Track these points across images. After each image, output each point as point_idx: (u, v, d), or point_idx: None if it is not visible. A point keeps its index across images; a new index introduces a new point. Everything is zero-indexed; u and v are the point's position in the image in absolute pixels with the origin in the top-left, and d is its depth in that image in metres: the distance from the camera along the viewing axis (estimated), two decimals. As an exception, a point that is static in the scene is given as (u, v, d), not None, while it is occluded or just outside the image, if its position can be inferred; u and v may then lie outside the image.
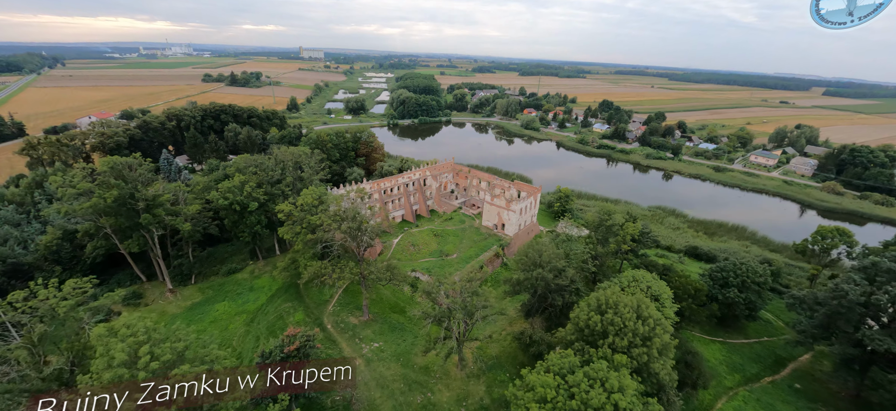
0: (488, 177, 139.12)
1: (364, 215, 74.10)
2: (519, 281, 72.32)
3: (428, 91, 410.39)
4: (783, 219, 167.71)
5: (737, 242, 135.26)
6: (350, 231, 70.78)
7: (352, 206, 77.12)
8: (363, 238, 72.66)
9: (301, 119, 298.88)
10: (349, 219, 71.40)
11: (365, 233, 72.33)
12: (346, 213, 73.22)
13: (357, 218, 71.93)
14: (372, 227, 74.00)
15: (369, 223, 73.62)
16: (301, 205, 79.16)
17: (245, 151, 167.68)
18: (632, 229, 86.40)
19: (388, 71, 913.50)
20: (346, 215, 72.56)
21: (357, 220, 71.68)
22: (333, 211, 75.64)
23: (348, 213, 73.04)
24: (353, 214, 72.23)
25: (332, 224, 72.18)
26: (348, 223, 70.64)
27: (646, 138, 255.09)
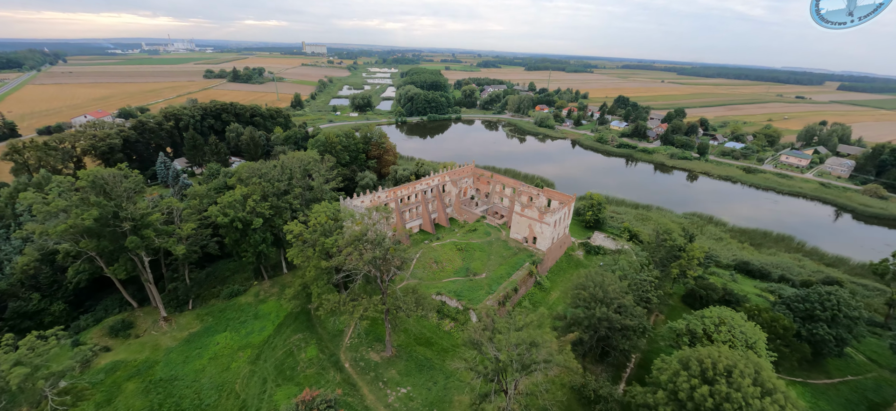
0: (513, 183, 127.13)
1: (390, 240, 62.51)
2: (577, 319, 60.64)
3: (435, 87, 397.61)
4: (827, 225, 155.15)
5: (787, 255, 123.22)
6: (374, 261, 59.19)
7: (370, 226, 65.51)
8: (390, 267, 61.11)
9: (306, 117, 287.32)
10: (373, 245, 59.78)
11: (392, 261, 60.76)
12: (370, 238, 61.61)
13: (383, 244, 60.35)
14: (400, 252, 62.41)
15: (397, 249, 61.95)
16: (313, 225, 67.63)
17: (248, 153, 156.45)
18: (697, 251, 74.49)
19: (391, 66, 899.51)
20: (370, 241, 60.93)
21: (383, 247, 60.10)
22: (352, 233, 64.01)
23: (372, 239, 61.42)
24: (378, 240, 60.64)
25: (351, 250, 60.59)
26: (372, 251, 59.01)
27: (668, 137, 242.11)
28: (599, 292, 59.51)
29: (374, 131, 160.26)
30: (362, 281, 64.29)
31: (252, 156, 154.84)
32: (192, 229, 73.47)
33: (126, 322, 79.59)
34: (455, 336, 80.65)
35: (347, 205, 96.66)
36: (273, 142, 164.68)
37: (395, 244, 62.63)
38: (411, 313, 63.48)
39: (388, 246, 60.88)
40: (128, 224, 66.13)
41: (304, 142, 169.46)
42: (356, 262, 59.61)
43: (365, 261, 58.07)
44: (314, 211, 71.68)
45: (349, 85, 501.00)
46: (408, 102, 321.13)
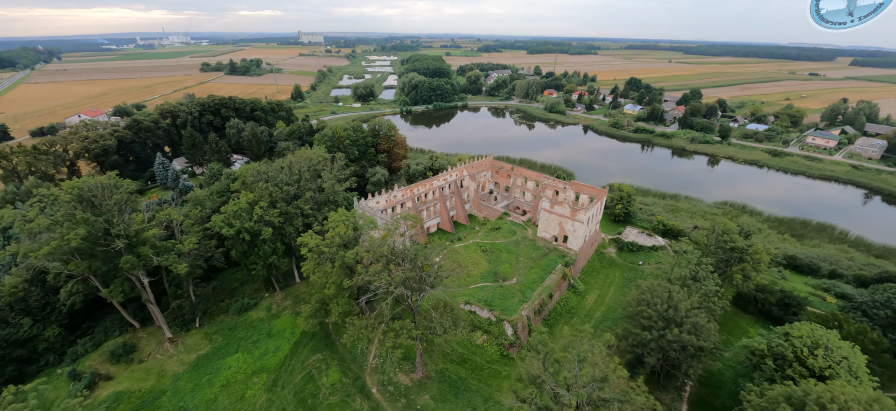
0: (536, 176, 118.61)
1: (425, 253, 54.44)
2: (642, 342, 52.77)
3: (438, 74, 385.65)
4: (865, 212, 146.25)
5: (832, 247, 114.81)
6: (407, 281, 51.18)
7: (393, 233, 57.43)
8: (425, 287, 53.16)
9: (307, 109, 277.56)
10: (406, 263, 51.76)
11: (428, 280, 52.78)
12: (399, 254, 53.57)
13: (416, 260, 52.33)
14: (437, 270, 54.41)
15: (433, 267, 53.92)
16: (331, 237, 59.53)
17: (250, 151, 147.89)
18: (763, 253, 66.20)
19: (390, 54, 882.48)
20: (401, 257, 52.90)
21: (416, 264, 52.09)
22: (378, 249, 55.91)
23: (401, 254, 53.37)
24: (409, 255, 52.61)
25: (379, 269, 52.57)
26: (405, 270, 50.97)
27: (687, 120, 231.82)
28: (671, 311, 51.46)
29: (382, 123, 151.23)
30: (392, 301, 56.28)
31: (255, 153, 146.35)
32: (194, 244, 65.46)
33: (128, 345, 72.36)
34: (488, 350, 73.33)
35: (362, 207, 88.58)
36: (276, 138, 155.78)
37: (427, 260, 54.42)
38: (445, 331, 55.79)
39: (421, 260, 52.77)
40: (121, 241, 58.19)
41: (308, 136, 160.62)
42: (385, 284, 51.63)
43: (396, 282, 50.05)
44: (331, 220, 63.54)
45: (349, 74, 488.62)
46: (412, 90, 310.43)
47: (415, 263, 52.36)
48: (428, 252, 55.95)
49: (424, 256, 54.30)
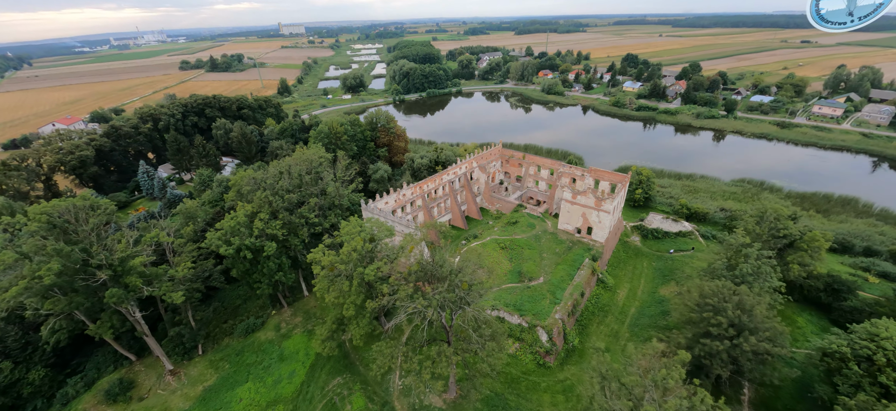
0: (551, 163, 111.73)
1: (466, 267, 47.39)
2: (712, 353, 46.62)
3: (429, 59, 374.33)
4: (884, 183, 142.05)
5: (860, 221, 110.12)
6: (445, 301, 44.21)
7: (417, 248, 50.35)
8: (466, 308, 46.30)
9: (295, 103, 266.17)
10: (443, 283, 44.71)
11: (467, 298, 45.89)
12: (429, 270, 46.51)
13: (452, 277, 45.33)
14: (478, 284, 47.51)
15: (475, 281, 46.93)
16: (347, 253, 52.14)
17: (240, 152, 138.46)
18: (821, 239, 60.34)
19: (375, 41, 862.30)
20: (434, 275, 45.83)
21: (454, 282, 45.10)
22: (410, 267, 48.74)
23: (433, 271, 46.31)
24: (444, 271, 45.58)
25: (409, 289, 45.49)
26: (442, 292, 43.92)
27: (690, 95, 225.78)
28: (744, 317, 45.28)
29: (380, 115, 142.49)
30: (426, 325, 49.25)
31: (245, 155, 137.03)
32: (189, 267, 57.53)
33: (125, 381, 64.80)
34: (522, 360, 67.19)
35: (370, 210, 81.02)
36: (267, 138, 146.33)
37: (463, 274, 47.36)
38: (491, 356, 49.19)
39: (460, 278, 45.78)
40: (104, 272, 50.13)
41: (302, 133, 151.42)
42: (421, 308, 44.57)
43: (434, 306, 43.02)
44: (344, 232, 56.01)
45: (335, 65, 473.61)
46: (403, 78, 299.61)
47: (452, 282, 45.31)
48: (464, 263, 48.84)
49: (458, 270, 47.24)
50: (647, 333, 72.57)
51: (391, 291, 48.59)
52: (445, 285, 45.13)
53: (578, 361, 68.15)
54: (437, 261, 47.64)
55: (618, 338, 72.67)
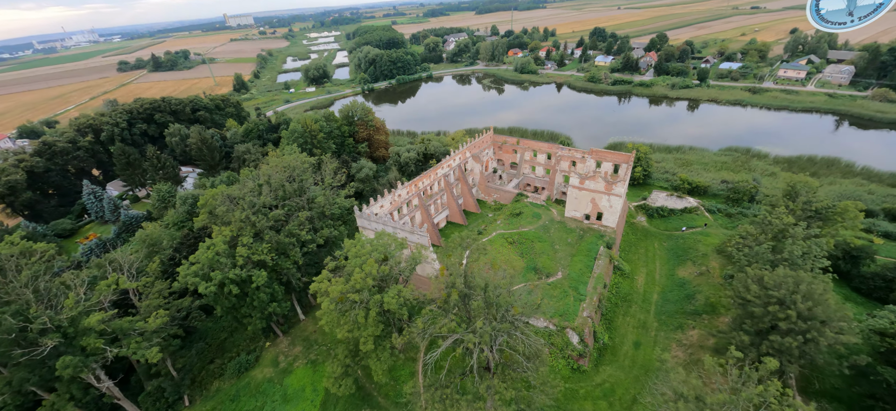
0: (547, 147, 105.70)
1: (504, 286, 40.06)
2: (784, 349, 41.97)
3: (393, 44, 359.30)
4: (856, 140, 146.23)
5: (847, 181, 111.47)
6: (497, 331, 36.83)
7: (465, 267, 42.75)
8: (516, 334, 39.14)
9: (255, 100, 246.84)
10: (492, 313, 37.23)
11: (517, 323, 38.74)
12: (476, 295, 38.92)
13: (503, 306, 37.97)
14: (532, 305, 40.43)
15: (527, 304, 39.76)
16: (358, 280, 43.49)
17: (202, 161, 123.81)
18: (854, 210, 57.34)
19: (331, 29, 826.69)
20: (481, 298, 38.23)
21: (500, 306, 37.76)
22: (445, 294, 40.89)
23: (479, 295, 38.74)
24: (492, 297, 38.11)
25: (451, 323, 37.78)
26: (492, 321, 36.45)
27: (662, 66, 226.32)
28: (818, 309, 40.69)
29: (356, 107, 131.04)
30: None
31: (208, 163, 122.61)
32: (163, 317, 46.83)
33: (90, 455, 53.46)
34: (555, 366, 61.26)
35: (365, 217, 71.88)
36: (231, 142, 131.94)
37: (511, 295, 40.08)
38: (542, 379, 42.62)
39: (509, 302, 38.45)
40: (51, 338, 39.09)
41: (270, 134, 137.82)
42: (473, 344, 36.98)
43: (486, 340, 35.52)
44: (352, 253, 47.16)
45: (293, 56, 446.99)
46: (369, 66, 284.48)
47: (499, 306, 37.92)
48: (496, 276, 41.59)
49: (506, 292, 39.91)
50: (677, 320, 68.65)
51: (425, 323, 40.64)
52: (495, 312, 37.67)
53: (612, 360, 63.18)
54: (477, 283, 40.00)
55: (647, 329, 68.23)
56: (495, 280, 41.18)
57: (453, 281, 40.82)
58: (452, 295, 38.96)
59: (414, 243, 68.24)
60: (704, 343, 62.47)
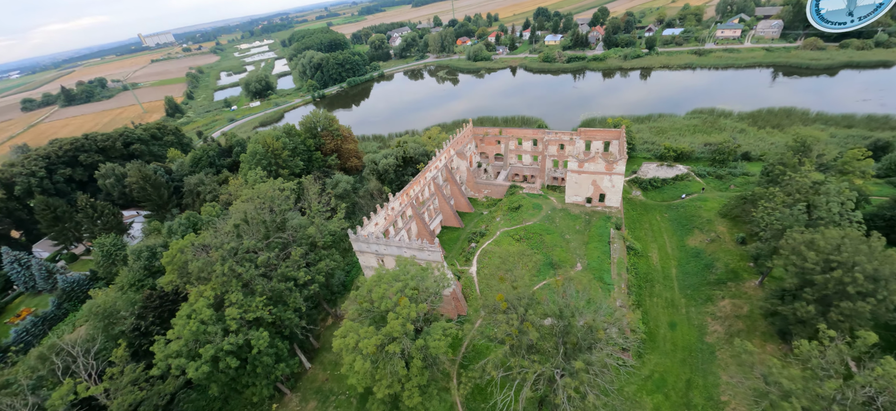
0: (533, 133, 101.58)
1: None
2: (853, 314, 39.76)
3: (336, 46, 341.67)
4: (802, 89, 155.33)
5: (810, 128, 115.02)
6: (571, 352, 31.01)
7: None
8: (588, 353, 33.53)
9: (194, 123, 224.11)
10: (572, 342, 31.36)
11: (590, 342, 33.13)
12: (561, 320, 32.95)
13: (572, 321, 32.22)
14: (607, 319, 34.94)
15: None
16: (397, 328, 36.01)
17: (146, 201, 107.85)
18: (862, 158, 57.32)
19: (262, 37, 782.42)
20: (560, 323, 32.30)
21: (590, 334, 32.00)
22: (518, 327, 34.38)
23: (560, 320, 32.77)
24: (567, 313, 32.26)
25: (523, 361, 31.51)
26: (581, 353, 30.57)
27: (610, 39, 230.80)
28: (885, 268, 38.78)
29: (318, 117, 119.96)
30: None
31: (156, 203, 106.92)
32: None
33: None
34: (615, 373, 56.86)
35: (361, 240, 63.53)
36: (178, 174, 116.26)
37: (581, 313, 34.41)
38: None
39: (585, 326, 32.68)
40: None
41: (223, 159, 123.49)
42: (547, 375, 30.84)
43: (559, 365, 29.58)
44: (376, 294, 39.32)
45: (226, 70, 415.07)
46: (315, 71, 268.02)
47: (572, 328, 32.12)
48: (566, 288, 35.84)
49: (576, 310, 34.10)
50: (703, 293, 66.60)
51: (495, 366, 33.98)
52: (568, 334, 31.77)
53: (653, 347, 59.81)
54: (551, 310, 33.86)
55: (676, 307, 65.63)
56: (565, 298, 35.24)
57: (523, 310, 34.33)
58: (530, 332, 32.52)
59: (424, 261, 60.97)
60: (739, 312, 60.69)
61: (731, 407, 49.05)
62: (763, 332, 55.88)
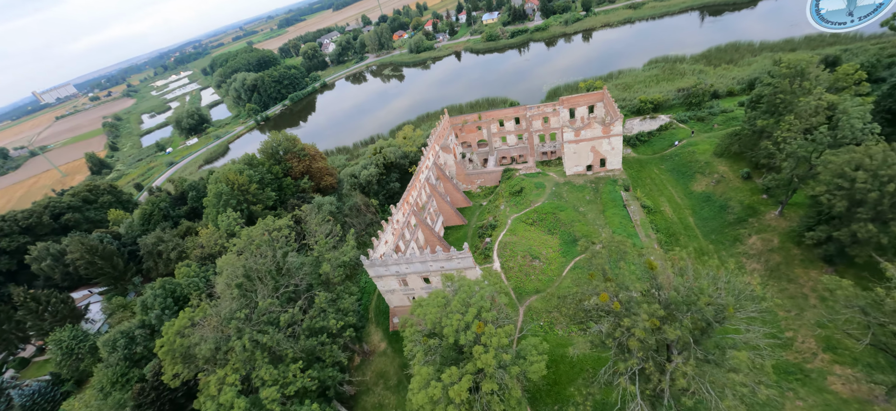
0: (513, 112, 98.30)
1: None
2: None
3: (266, 64, 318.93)
4: (736, 23, 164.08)
5: (761, 58, 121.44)
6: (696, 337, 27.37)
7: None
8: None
9: (129, 175, 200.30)
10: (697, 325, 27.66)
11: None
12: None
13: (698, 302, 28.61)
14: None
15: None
16: (493, 360, 30.80)
17: (99, 276, 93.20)
18: (853, 71, 58.78)
19: (177, 71, 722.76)
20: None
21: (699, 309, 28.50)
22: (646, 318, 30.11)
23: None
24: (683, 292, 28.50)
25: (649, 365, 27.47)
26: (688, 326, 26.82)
27: (547, 7, 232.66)
28: None
29: (279, 140, 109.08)
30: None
31: (112, 275, 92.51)
32: None
33: None
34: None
35: (379, 263, 56.92)
36: (129, 237, 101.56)
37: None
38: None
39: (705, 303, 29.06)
40: None
41: (177, 209, 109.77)
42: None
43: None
44: (448, 330, 33.53)
45: (148, 112, 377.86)
46: (252, 93, 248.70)
47: (698, 308, 28.42)
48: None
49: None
50: (728, 235, 66.46)
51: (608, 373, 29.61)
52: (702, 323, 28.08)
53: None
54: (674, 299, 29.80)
55: (707, 255, 64.42)
56: (669, 279, 31.47)
57: (648, 305, 29.88)
58: (667, 331, 28.31)
59: (453, 269, 55.55)
60: (771, 246, 60.85)
61: (799, 340, 48.55)
62: (802, 260, 56.14)
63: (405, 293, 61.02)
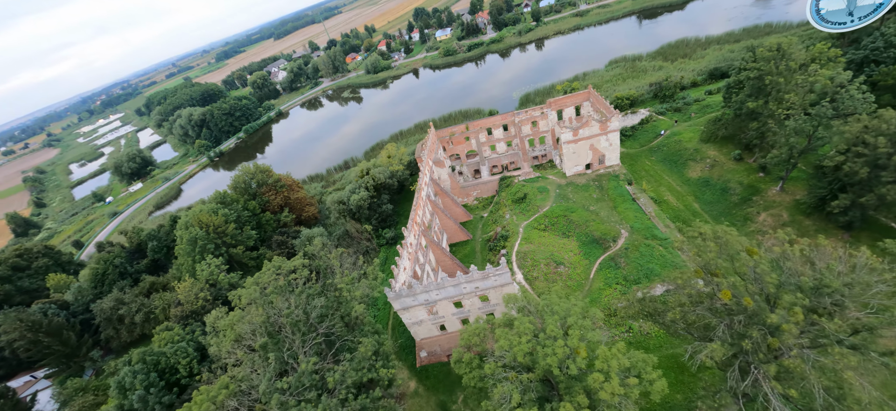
0: (501, 119, 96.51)
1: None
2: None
3: (212, 97, 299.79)
4: (675, 22, 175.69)
5: (711, 51, 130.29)
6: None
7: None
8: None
9: (64, 232, 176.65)
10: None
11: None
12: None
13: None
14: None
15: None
16: (602, 380, 27.09)
17: (46, 355, 79.07)
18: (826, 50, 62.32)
19: (106, 114, 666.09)
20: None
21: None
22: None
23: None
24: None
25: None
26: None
27: (497, 20, 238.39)
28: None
29: (249, 173, 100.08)
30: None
31: (62, 353, 78.67)
32: None
33: None
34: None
35: (409, 294, 51.70)
36: (79, 305, 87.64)
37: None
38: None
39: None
40: None
41: (136, 264, 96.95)
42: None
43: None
44: (546, 364, 29.49)
45: (76, 161, 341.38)
46: (200, 129, 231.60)
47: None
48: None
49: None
50: (736, 216, 67.86)
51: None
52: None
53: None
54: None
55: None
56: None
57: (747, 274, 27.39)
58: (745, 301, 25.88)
59: (491, 288, 51.58)
60: (781, 220, 62.48)
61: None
62: (817, 230, 57.77)
63: (433, 322, 55.88)
